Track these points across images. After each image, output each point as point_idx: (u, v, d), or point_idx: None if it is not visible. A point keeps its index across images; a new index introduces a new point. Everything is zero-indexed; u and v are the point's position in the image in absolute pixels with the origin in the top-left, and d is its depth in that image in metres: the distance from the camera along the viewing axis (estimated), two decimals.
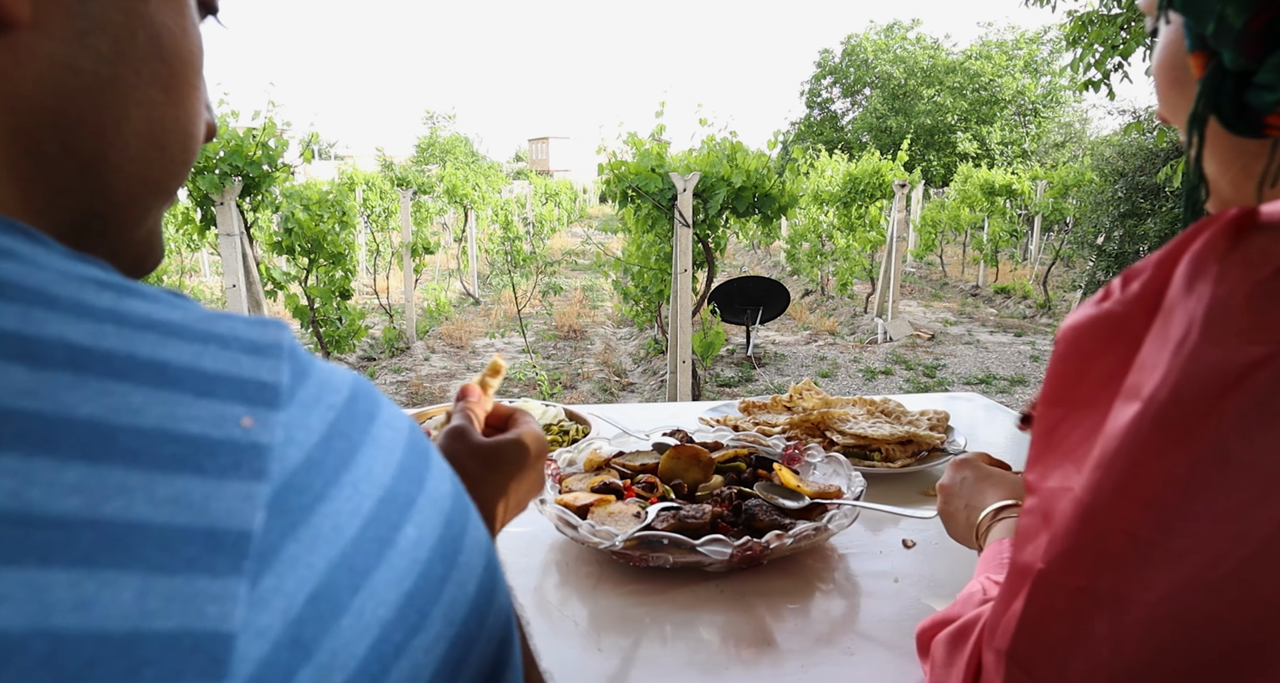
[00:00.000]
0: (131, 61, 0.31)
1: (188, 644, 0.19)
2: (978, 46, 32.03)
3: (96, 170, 0.31)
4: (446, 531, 0.25)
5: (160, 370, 0.21)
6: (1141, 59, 4.20)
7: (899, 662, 0.77)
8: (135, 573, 0.19)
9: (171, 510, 0.19)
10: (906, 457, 1.23)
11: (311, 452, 0.22)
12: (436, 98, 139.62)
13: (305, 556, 0.21)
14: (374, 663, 0.22)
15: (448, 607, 0.24)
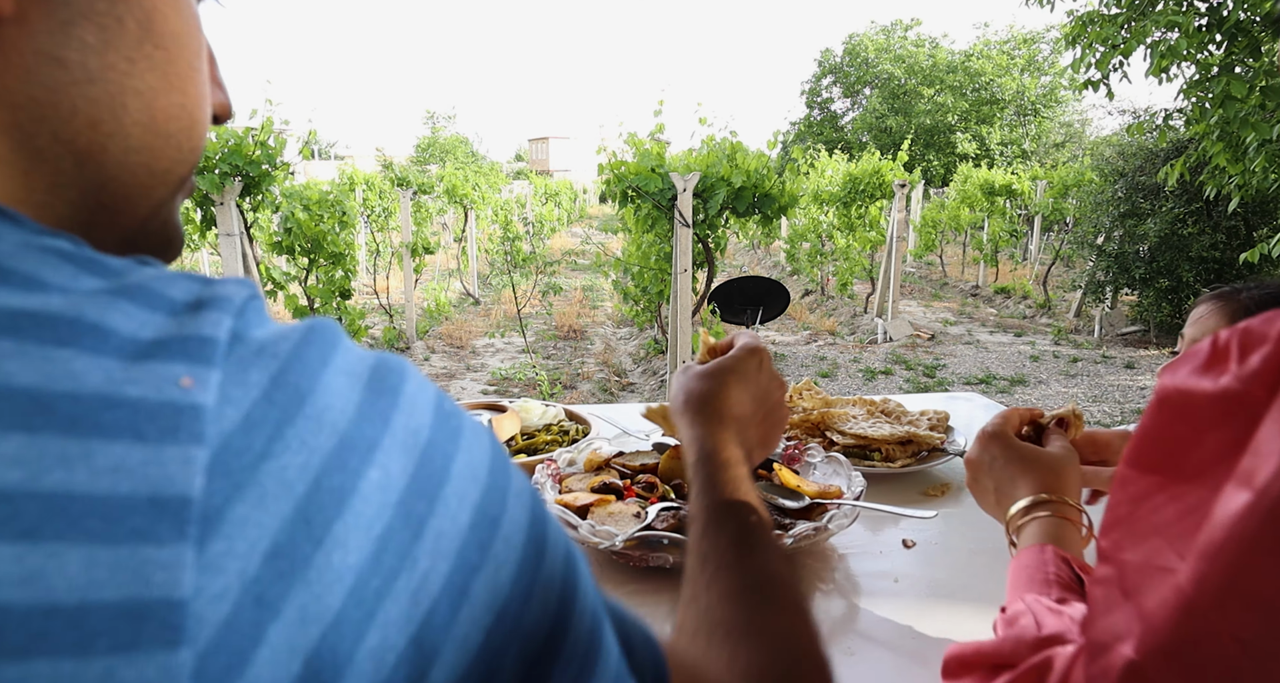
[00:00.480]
0: (122, 49, 0.30)
1: (138, 613, 0.19)
2: (978, 46, 32.04)
3: (97, 163, 0.30)
4: (424, 463, 0.24)
5: (104, 335, 0.21)
6: (1143, 58, 4.19)
7: (899, 662, 0.76)
8: (80, 545, 0.18)
9: (112, 480, 0.19)
10: (906, 457, 1.23)
11: (250, 410, 0.21)
12: (436, 98, 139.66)
13: (254, 515, 0.20)
14: (354, 609, 0.21)
15: (434, 541, 0.23)
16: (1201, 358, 0.40)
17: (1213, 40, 4.04)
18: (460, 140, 42.34)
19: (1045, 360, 6.80)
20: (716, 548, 0.48)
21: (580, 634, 0.28)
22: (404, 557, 0.22)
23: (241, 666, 0.19)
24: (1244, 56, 3.99)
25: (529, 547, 0.27)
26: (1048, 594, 0.63)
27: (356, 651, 0.21)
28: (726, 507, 0.53)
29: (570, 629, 0.28)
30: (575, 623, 0.28)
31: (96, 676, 0.18)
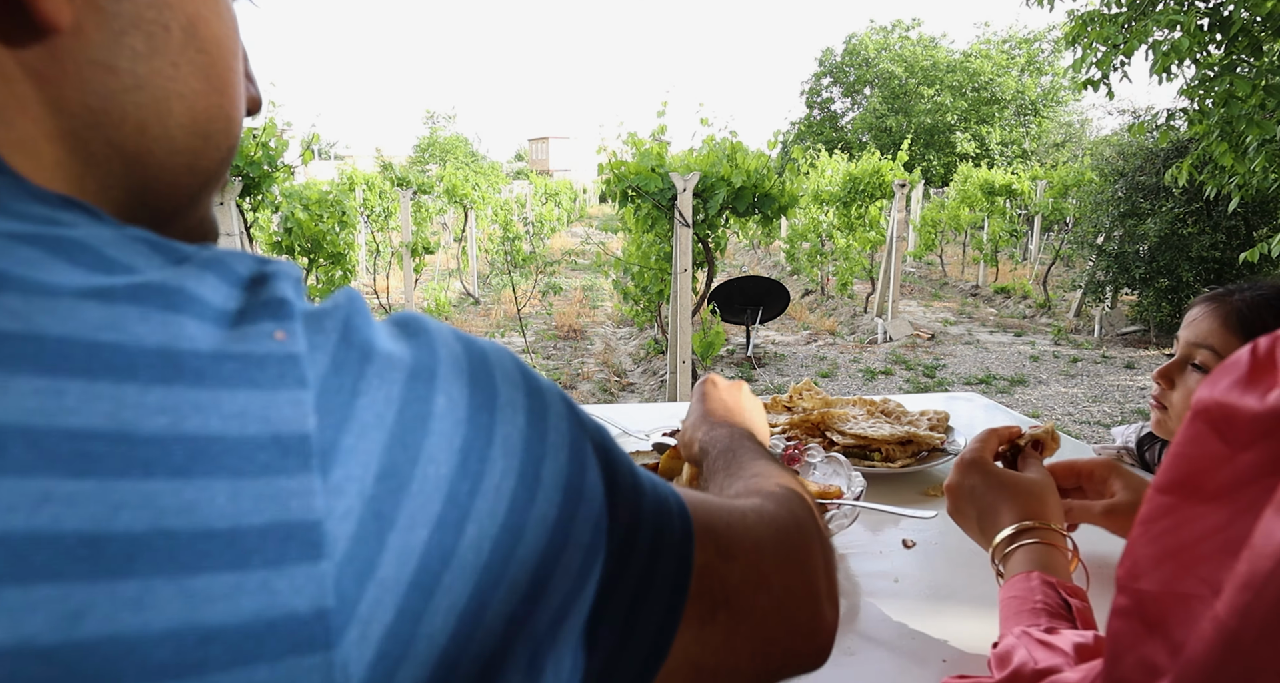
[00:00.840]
0: (168, 55, 0.32)
1: (283, 534, 0.22)
2: (977, 46, 32.04)
3: (143, 165, 0.32)
4: (474, 384, 0.28)
5: (203, 303, 0.24)
6: (1144, 58, 4.19)
7: (899, 662, 0.76)
8: (224, 479, 0.21)
9: (240, 423, 0.22)
10: (906, 457, 1.23)
11: (334, 354, 0.25)
12: (436, 98, 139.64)
13: (360, 444, 0.24)
14: (451, 511, 0.25)
15: (503, 444, 0.27)
16: (1242, 369, 0.38)
17: (1213, 40, 4.04)
18: (460, 140, 42.33)
19: (1045, 360, 6.80)
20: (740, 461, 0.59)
21: (624, 479, 0.33)
22: (483, 460, 0.26)
23: (371, 570, 0.23)
24: (1244, 56, 3.99)
25: (574, 431, 0.31)
26: (1037, 624, 0.63)
27: (458, 544, 0.25)
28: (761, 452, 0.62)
29: (617, 484, 0.32)
30: (619, 477, 0.32)
31: (256, 586, 0.21)
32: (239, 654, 0.21)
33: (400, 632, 0.23)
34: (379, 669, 0.23)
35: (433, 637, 0.24)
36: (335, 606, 0.22)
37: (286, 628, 0.21)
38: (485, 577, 0.26)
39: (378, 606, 0.23)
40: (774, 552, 0.41)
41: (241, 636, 0.21)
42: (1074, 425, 4.96)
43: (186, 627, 0.20)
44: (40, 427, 0.20)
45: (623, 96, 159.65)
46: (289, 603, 0.22)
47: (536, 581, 0.27)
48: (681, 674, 0.35)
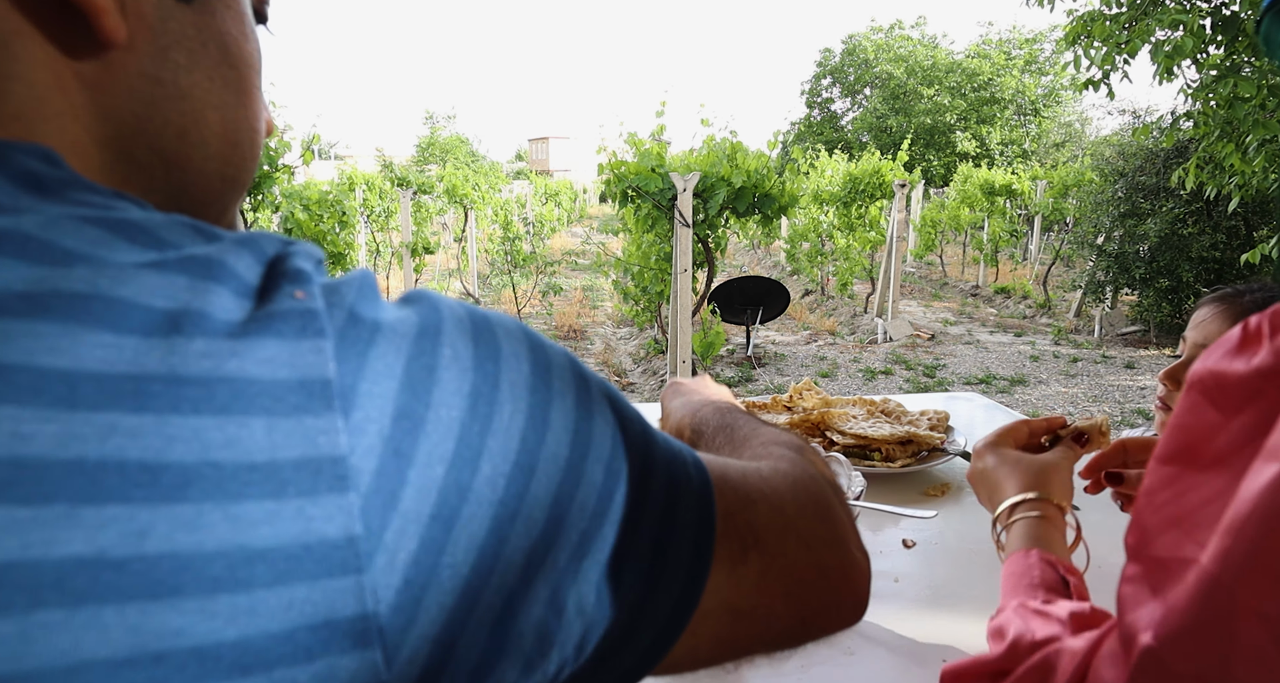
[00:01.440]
0: (206, 69, 0.35)
1: (313, 467, 0.24)
2: (977, 46, 32.03)
3: (181, 169, 0.35)
4: (477, 340, 0.30)
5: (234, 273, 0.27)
6: (1148, 58, 4.19)
7: (899, 662, 0.76)
8: (260, 417, 0.24)
9: (271, 369, 0.25)
10: (906, 457, 1.23)
11: (350, 310, 0.27)
12: (436, 98, 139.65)
13: (376, 389, 0.26)
14: (465, 449, 0.27)
15: (510, 389, 0.29)
16: (1233, 342, 0.40)
17: (1214, 40, 4.04)
18: (460, 140, 42.33)
19: (1045, 360, 6.80)
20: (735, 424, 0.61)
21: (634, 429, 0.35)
22: (491, 404, 0.28)
23: (394, 502, 0.25)
24: (1245, 56, 3.99)
25: (577, 378, 0.33)
26: (1034, 598, 0.63)
27: (474, 480, 0.27)
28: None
29: (627, 427, 0.34)
30: (628, 425, 0.34)
31: (292, 513, 0.24)
32: (281, 574, 0.24)
33: (424, 561, 0.26)
34: (406, 595, 0.25)
35: (455, 567, 0.26)
36: (363, 533, 0.25)
37: (321, 551, 0.24)
38: (502, 511, 0.28)
39: (402, 535, 0.25)
40: (794, 500, 0.42)
41: (282, 557, 0.24)
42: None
43: (235, 547, 0.23)
44: (106, 373, 0.23)
45: (623, 96, 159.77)
46: (322, 530, 0.24)
47: (553, 517, 0.29)
48: (716, 618, 0.36)
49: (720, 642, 0.38)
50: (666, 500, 0.34)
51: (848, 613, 0.44)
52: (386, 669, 0.25)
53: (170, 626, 0.22)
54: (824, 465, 0.51)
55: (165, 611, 0.22)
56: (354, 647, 0.25)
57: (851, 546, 0.45)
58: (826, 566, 0.42)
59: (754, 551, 0.38)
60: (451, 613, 0.27)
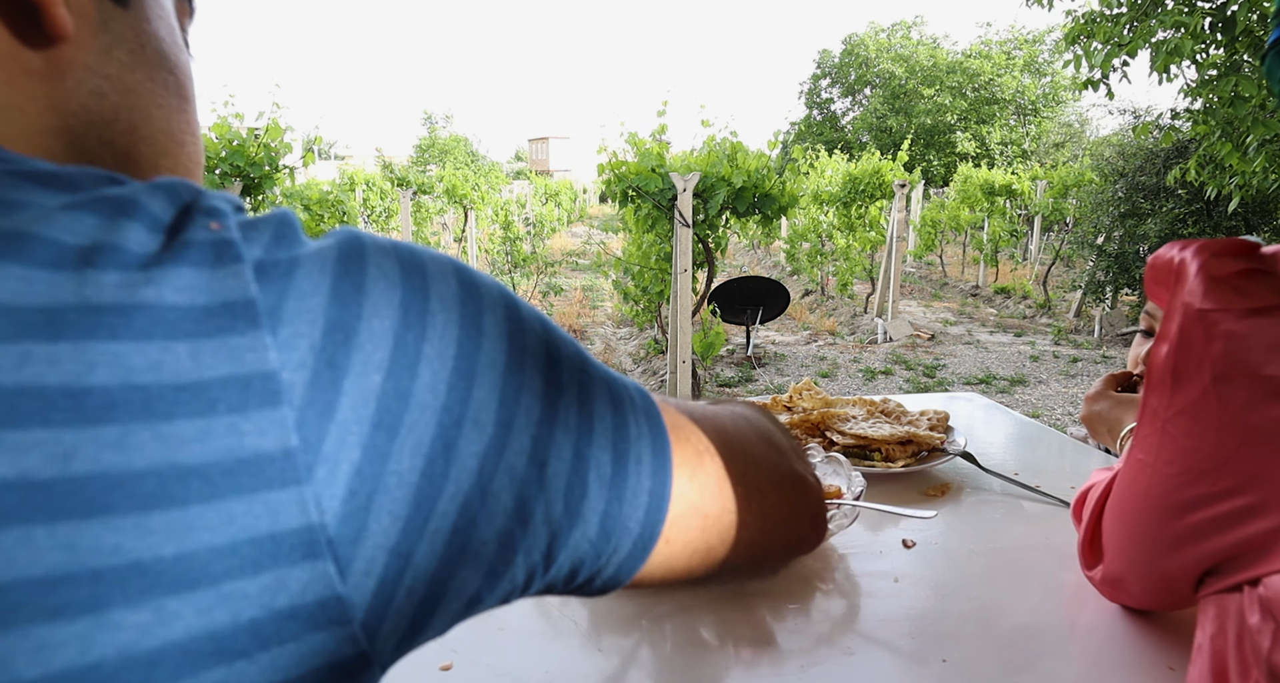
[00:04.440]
0: (146, 69, 0.37)
1: (242, 382, 0.25)
2: (977, 46, 32.02)
3: (133, 163, 0.36)
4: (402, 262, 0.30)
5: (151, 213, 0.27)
6: (1149, 57, 4.18)
7: (899, 662, 0.76)
8: (183, 341, 0.25)
9: (191, 295, 0.25)
10: (906, 457, 1.23)
11: (268, 243, 0.28)
12: (436, 98, 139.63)
13: (303, 305, 0.27)
14: (402, 356, 0.28)
15: (440, 300, 0.30)
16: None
17: (1215, 41, 4.03)
18: (460, 141, 42.32)
19: (1045, 360, 6.79)
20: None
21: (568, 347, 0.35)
22: (423, 314, 0.29)
23: (331, 412, 0.26)
24: (1245, 56, 3.98)
25: (507, 297, 0.33)
26: None
27: (413, 386, 0.28)
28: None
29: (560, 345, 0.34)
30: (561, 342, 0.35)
31: (224, 429, 0.24)
32: (217, 488, 0.24)
33: (367, 469, 0.26)
34: (352, 504, 0.26)
35: (402, 474, 0.27)
36: (300, 445, 0.25)
37: (256, 465, 0.25)
38: (446, 417, 0.28)
39: (342, 445, 0.26)
40: (733, 424, 0.44)
41: (218, 472, 0.24)
42: (1074, 425, 4.96)
43: (166, 465, 0.24)
44: (16, 305, 0.23)
45: (623, 96, 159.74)
46: (256, 444, 0.25)
47: (500, 421, 0.30)
48: (687, 523, 0.38)
49: (693, 550, 0.39)
50: (614, 412, 0.35)
51: (807, 527, 0.47)
52: (341, 580, 0.26)
53: (105, 543, 0.23)
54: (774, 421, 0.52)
55: (99, 529, 0.23)
56: (303, 558, 0.25)
57: (795, 464, 0.47)
58: (778, 477, 0.44)
59: (708, 456, 0.39)
60: (406, 522, 0.27)
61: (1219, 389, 0.58)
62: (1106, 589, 0.79)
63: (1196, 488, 0.61)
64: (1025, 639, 0.79)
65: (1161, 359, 0.63)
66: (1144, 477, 0.66)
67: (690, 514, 0.38)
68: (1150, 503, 0.66)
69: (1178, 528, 0.63)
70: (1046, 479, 1.21)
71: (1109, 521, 0.74)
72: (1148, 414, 0.66)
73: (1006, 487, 1.19)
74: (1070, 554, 0.92)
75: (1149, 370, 0.65)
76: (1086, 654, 0.77)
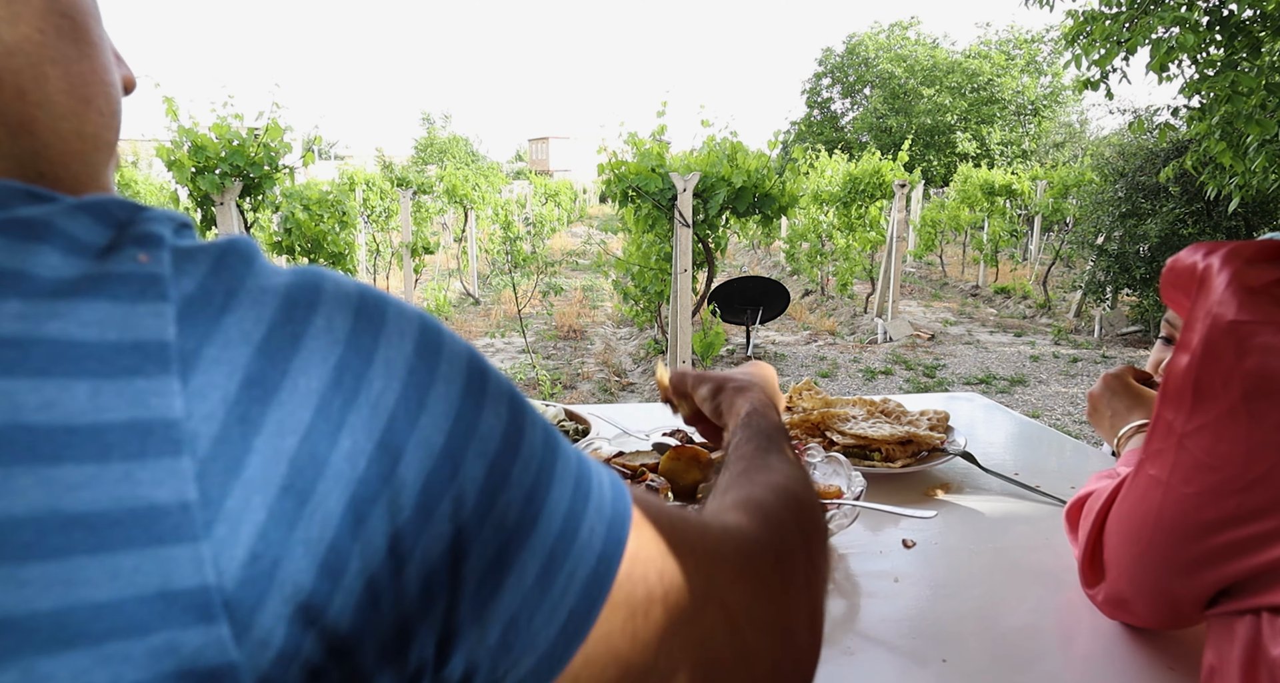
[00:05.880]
0: (33, 20, 0.32)
1: (142, 429, 0.23)
2: (977, 46, 32.02)
3: (30, 131, 0.33)
4: (360, 315, 0.28)
5: (71, 237, 0.25)
6: (1148, 55, 4.18)
7: (899, 662, 0.76)
8: (84, 379, 0.23)
9: (99, 330, 0.24)
10: (906, 457, 1.23)
11: (203, 280, 0.26)
12: (436, 98, 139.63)
13: (224, 355, 0.25)
14: (323, 421, 0.26)
15: (385, 366, 0.28)
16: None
17: (1214, 39, 4.04)
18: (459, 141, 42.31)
19: (1045, 361, 6.79)
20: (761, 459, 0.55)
21: (535, 438, 0.32)
22: (359, 379, 0.27)
23: (236, 469, 0.24)
24: (1244, 54, 3.98)
25: (473, 369, 0.31)
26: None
27: (331, 454, 0.26)
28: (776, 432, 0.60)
29: (524, 433, 0.32)
30: (529, 428, 0.32)
31: (117, 477, 0.23)
32: (104, 540, 0.22)
33: (273, 534, 0.24)
34: (255, 569, 0.24)
35: (309, 544, 0.25)
36: (199, 499, 0.23)
37: (150, 517, 0.23)
38: (361, 490, 0.26)
39: (246, 505, 0.24)
40: (734, 567, 0.38)
41: (105, 522, 0.22)
42: (1074, 425, 4.96)
43: (48, 512, 0.22)
44: None
45: (623, 97, 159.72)
46: (151, 494, 0.23)
47: (421, 506, 0.27)
48: (601, 668, 0.33)
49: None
50: (568, 516, 0.32)
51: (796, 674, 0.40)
52: (235, 646, 0.24)
53: None
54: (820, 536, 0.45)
55: None
56: (196, 621, 0.23)
57: (798, 632, 0.40)
58: (751, 650, 0.37)
59: (659, 606, 0.34)
60: (310, 594, 0.25)
61: (1251, 407, 0.55)
62: (1109, 609, 0.77)
63: (1218, 509, 0.57)
64: (1025, 639, 0.79)
65: (1181, 372, 0.59)
66: (1156, 495, 0.63)
67: (608, 660, 0.33)
68: (1164, 524, 0.62)
69: (1196, 551, 0.60)
70: (1046, 479, 1.21)
71: (1114, 539, 0.71)
72: (1160, 428, 0.63)
73: (1006, 487, 1.19)
74: (1070, 554, 0.92)
75: (1166, 382, 0.62)
76: (1086, 654, 0.77)
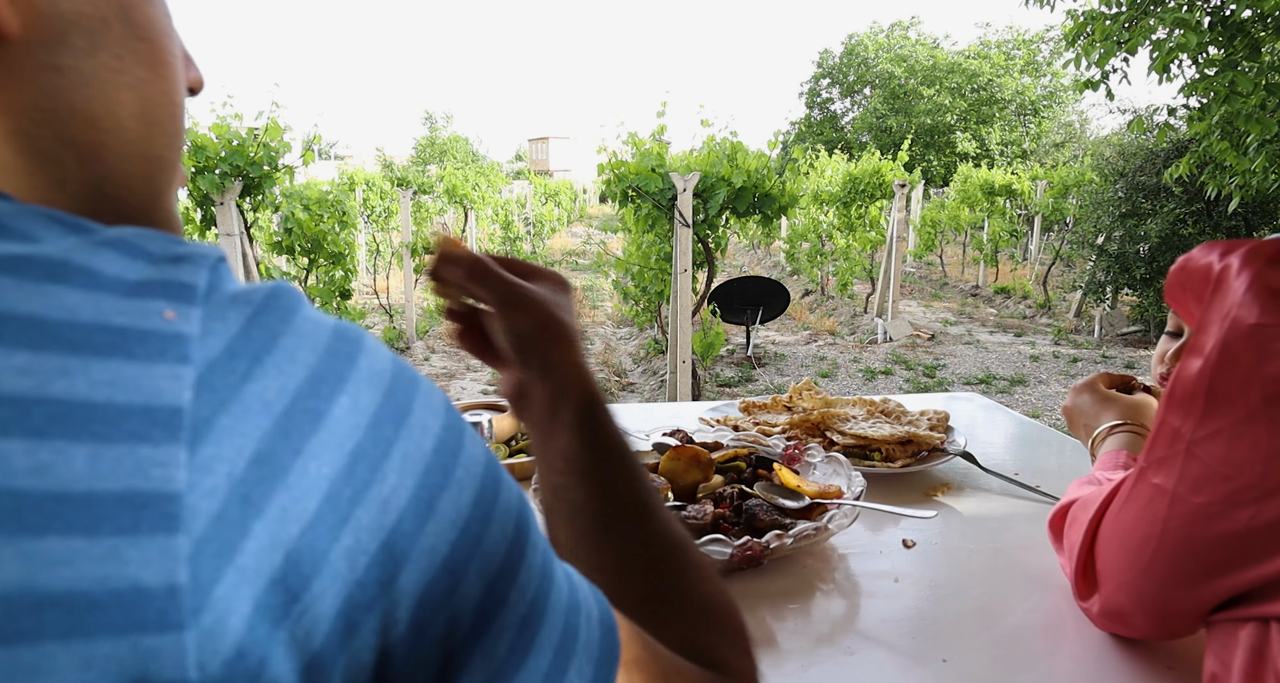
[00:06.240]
0: (111, 47, 0.32)
1: (139, 501, 0.21)
2: (976, 46, 32.02)
3: (97, 158, 0.32)
4: (389, 397, 0.27)
5: (92, 275, 0.23)
6: (1148, 55, 4.18)
7: (899, 662, 0.76)
8: (84, 443, 0.21)
9: (109, 391, 0.22)
10: (906, 457, 1.23)
11: (231, 342, 0.24)
12: (436, 98, 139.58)
13: (239, 426, 0.23)
14: (329, 513, 0.24)
15: (401, 460, 0.26)
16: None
17: (1215, 40, 4.04)
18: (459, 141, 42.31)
19: (1045, 361, 6.79)
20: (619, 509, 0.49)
21: (534, 561, 0.31)
22: (374, 470, 0.25)
23: (230, 553, 0.22)
24: (1244, 55, 3.99)
25: (487, 478, 0.29)
26: (1113, 474, 0.81)
27: (331, 549, 0.24)
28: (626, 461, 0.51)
29: (525, 555, 0.30)
30: (529, 550, 0.31)
31: (104, 553, 0.21)
32: (79, 624, 0.20)
33: (260, 630, 0.22)
34: (238, 668, 0.22)
35: (294, 645, 0.23)
36: (189, 584, 0.21)
37: (134, 600, 0.21)
38: (357, 594, 0.24)
39: (235, 595, 0.22)
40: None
41: (83, 603, 0.20)
42: None
43: (21, 590, 0.20)
44: None
45: (623, 96, 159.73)
46: (137, 574, 0.21)
47: (416, 621, 0.26)
48: None
49: None
50: (558, 652, 0.30)
51: None
52: None
53: None
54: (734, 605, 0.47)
55: None
56: None
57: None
58: None
59: None
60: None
61: (1272, 412, 0.53)
62: (1104, 622, 0.75)
63: (1234, 519, 0.55)
64: (1025, 639, 0.79)
65: (1193, 376, 0.57)
66: (1160, 505, 0.60)
67: None
68: (1171, 535, 0.59)
69: (1206, 563, 0.57)
70: (1046, 479, 1.21)
71: (1113, 551, 0.68)
72: (1164, 435, 0.60)
73: (1006, 487, 1.19)
74: None
75: (1173, 387, 0.59)
76: (1086, 654, 0.77)
